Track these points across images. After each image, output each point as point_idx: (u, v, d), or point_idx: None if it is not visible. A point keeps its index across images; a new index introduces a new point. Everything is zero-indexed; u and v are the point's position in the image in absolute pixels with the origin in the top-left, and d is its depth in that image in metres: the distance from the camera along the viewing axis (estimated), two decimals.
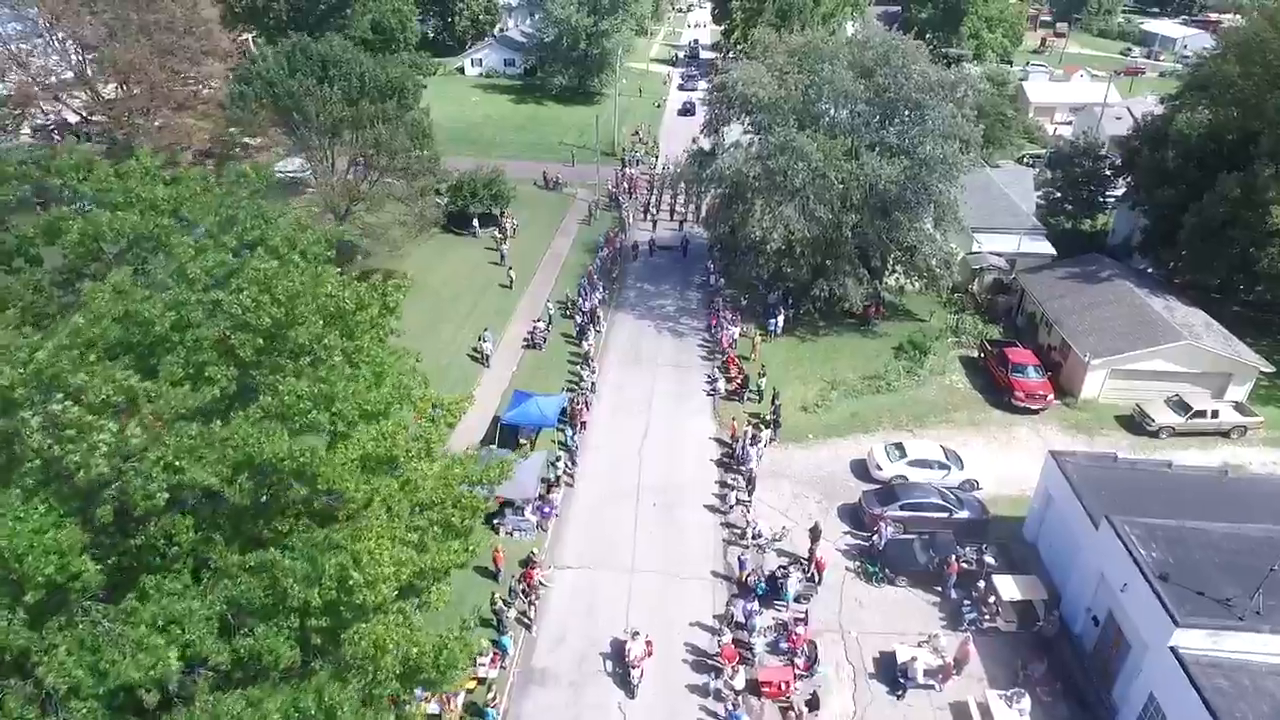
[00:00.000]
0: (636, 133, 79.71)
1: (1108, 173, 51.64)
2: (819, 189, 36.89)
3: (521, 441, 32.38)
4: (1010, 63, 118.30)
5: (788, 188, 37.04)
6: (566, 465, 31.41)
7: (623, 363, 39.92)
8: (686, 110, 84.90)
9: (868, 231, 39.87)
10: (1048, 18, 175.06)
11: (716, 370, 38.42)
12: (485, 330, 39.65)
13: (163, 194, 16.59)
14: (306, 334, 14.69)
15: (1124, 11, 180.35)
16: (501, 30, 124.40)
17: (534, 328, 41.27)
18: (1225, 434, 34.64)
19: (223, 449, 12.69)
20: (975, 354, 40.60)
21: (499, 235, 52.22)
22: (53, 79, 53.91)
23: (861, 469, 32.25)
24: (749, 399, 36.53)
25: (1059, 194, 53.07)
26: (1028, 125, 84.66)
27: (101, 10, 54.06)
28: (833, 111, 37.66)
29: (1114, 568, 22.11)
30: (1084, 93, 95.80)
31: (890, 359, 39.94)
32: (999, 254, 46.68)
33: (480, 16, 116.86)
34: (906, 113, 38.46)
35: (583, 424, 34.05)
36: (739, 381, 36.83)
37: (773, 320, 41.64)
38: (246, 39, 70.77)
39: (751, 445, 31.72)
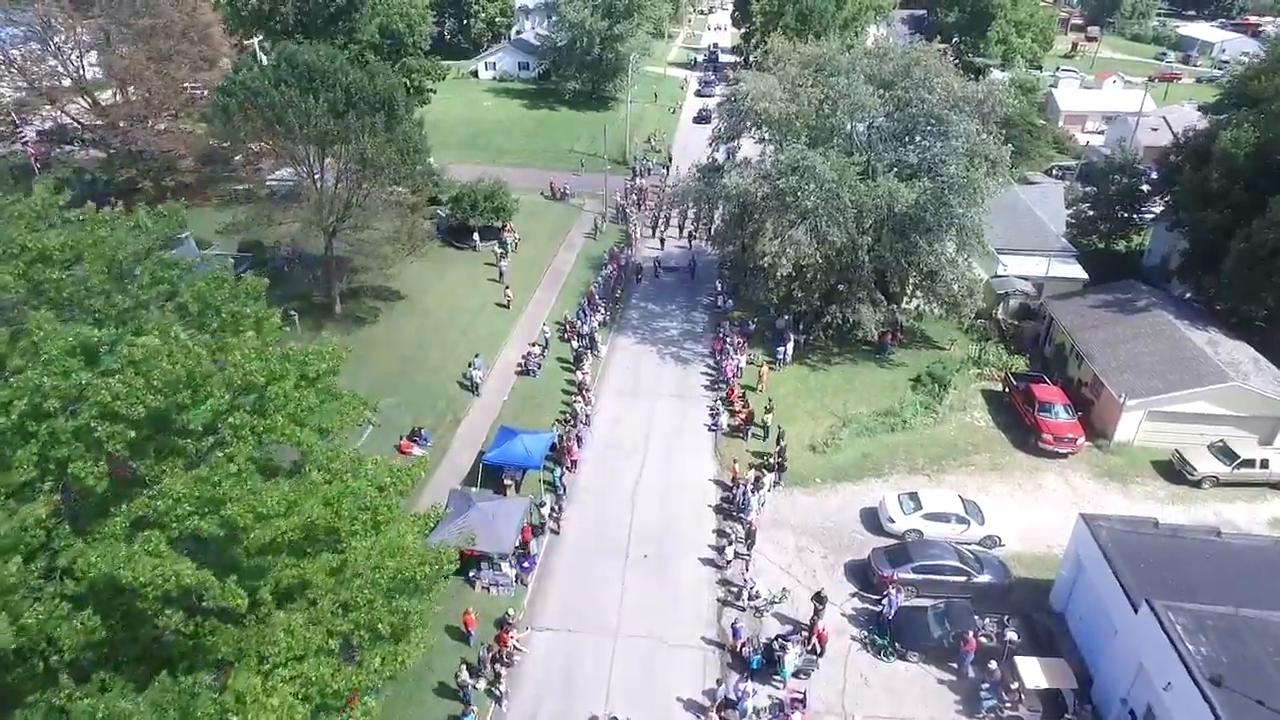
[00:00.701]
0: (649, 140, 77.47)
1: (1145, 189, 48.49)
2: (832, 211, 34.33)
3: (506, 482, 30.19)
4: (1039, 68, 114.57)
5: (798, 209, 34.52)
6: (553, 508, 29.15)
7: (620, 393, 37.59)
8: (703, 118, 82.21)
9: (885, 255, 37.28)
10: (1079, 21, 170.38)
11: (720, 403, 35.96)
12: (476, 357, 37.48)
13: (55, 242, 14.42)
14: (200, 418, 12.48)
15: (1158, 15, 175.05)
16: (518, 33, 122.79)
17: (529, 353, 39.09)
18: (1276, 486, 31.64)
19: (58, 587, 10.49)
20: (999, 387, 37.84)
21: (499, 250, 50.13)
22: (49, 85, 52.84)
23: (872, 519, 29.66)
24: (753, 435, 34.06)
25: (1091, 212, 50.00)
26: (1057, 135, 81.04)
27: (96, 15, 52.93)
28: (849, 127, 35.02)
29: (1156, 661, 19.44)
30: (1117, 100, 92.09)
31: (907, 392, 37.29)
32: (1026, 278, 43.79)
33: (496, 19, 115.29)
34: (928, 129, 35.76)
35: (573, 462, 31.79)
36: (743, 417, 34.37)
37: (781, 348, 39.10)
38: (253, 44, 69.24)
39: (753, 493, 29.27)
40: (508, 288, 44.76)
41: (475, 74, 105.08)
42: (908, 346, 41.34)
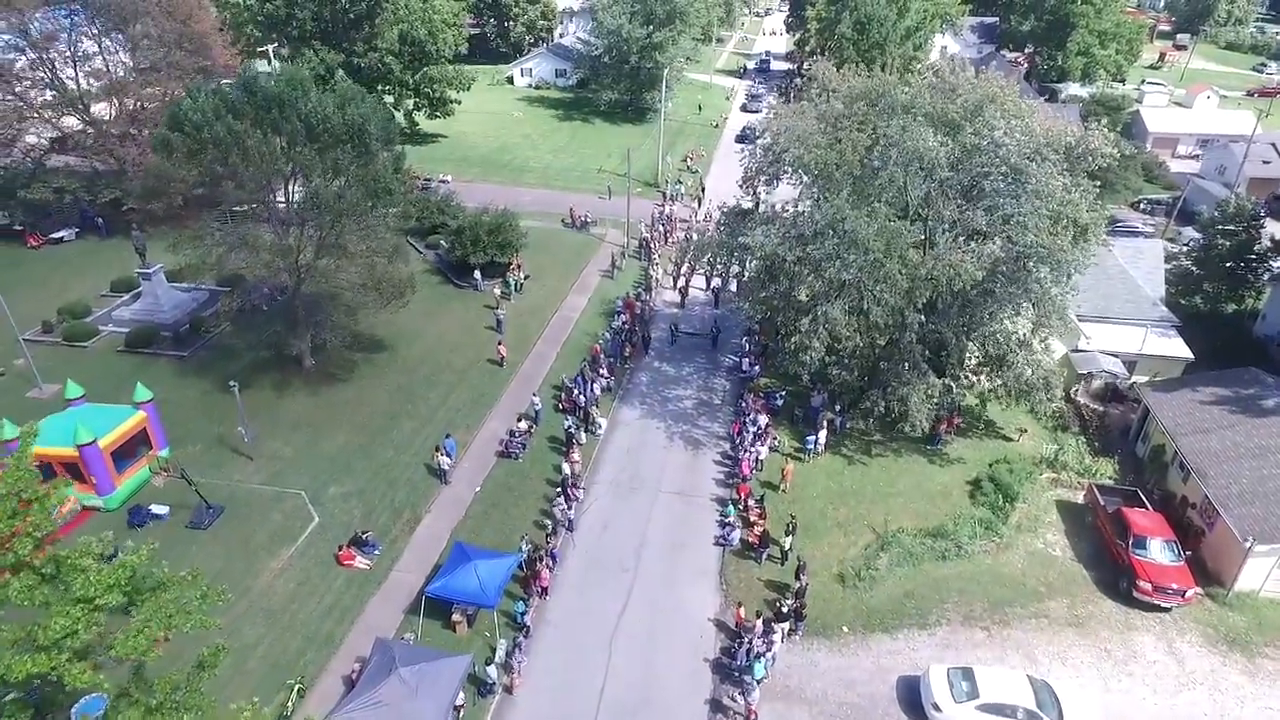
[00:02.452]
0: (686, 159, 71.30)
1: (1268, 245, 40.52)
2: (877, 285, 27.81)
3: (455, 619, 24.58)
4: (1122, 81, 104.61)
5: (835, 280, 28.10)
6: (509, 657, 23.37)
7: (616, 486, 31.67)
8: (746, 137, 75.55)
9: (941, 331, 30.60)
10: (1166, 27, 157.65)
11: (733, 506, 29.73)
12: (447, 438, 31.93)
13: None
14: None
15: (1258, 20, 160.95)
16: (560, 36, 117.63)
17: (513, 430, 33.44)
18: None
19: None
20: (1079, 498, 30.85)
21: (500, 293, 44.68)
22: (38, 98, 49.41)
23: (912, 696, 23.19)
24: (769, 558, 27.83)
25: (1195, 268, 42.19)
26: (1145, 161, 72.09)
27: (82, 24, 49.20)
28: (902, 180, 28.36)
29: None
30: (1215, 121, 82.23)
31: (963, 501, 30.60)
32: (1114, 354, 36.49)
33: (537, 22, 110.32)
34: (1002, 183, 28.88)
35: (543, 590, 26.02)
36: (757, 535, 28.14)
37: (812, 437, 32.67)
38: (268, 51, 65.22)
39: (760, 651, 23.09)
40: (500, 343, 39.14)
41: (510, 80, 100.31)
42: (965, 434, 34.50)
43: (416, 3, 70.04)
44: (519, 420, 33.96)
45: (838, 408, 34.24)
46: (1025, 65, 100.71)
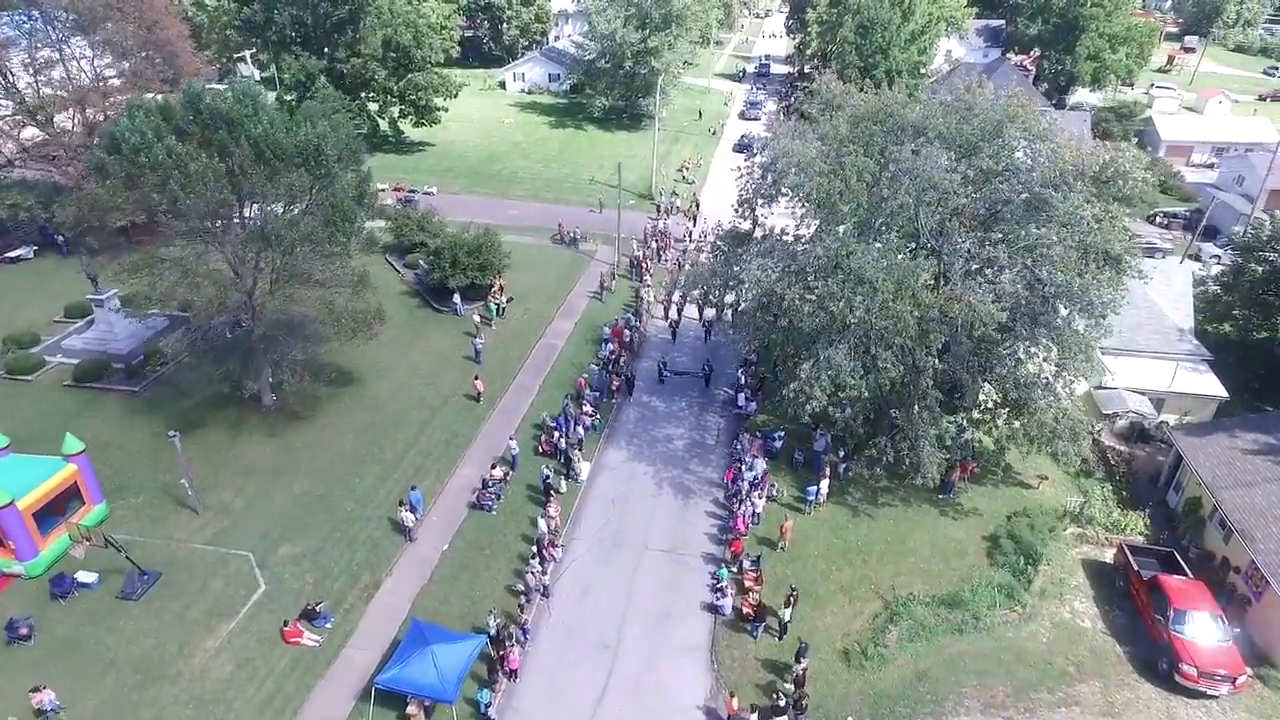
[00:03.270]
0: (682, 169, 68.42)
1: None
2: (885, 327, 24.96)
3: (410, 711, 21.72)
4: (1131, 85, 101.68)
5: (838, 322, 25.25)
6: None
7: (599, 543, 28.81)
8: (745, 147, 72.61)
9: (955, 372, 27.74)
10: (1173, 29, 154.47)
11: (726, 569, 26.86)
12: (413, 490, 29.08)
13: None
14: None
15: (1266, 22, 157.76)
16: (556, 39, 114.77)
17: (487, 478, 30.59)
18: None
19: None
20: (1108, 553, 28.03)
21: (480, 319, 41.86)
22: None
23: None
24: (766, 630, 25.00)
25: (1224, 294, 39.31)
26: (1160, 171, 69.14)
27: (40, 30, 46.38)
28: (914, 209, 25.46)
29: None
30: (1230, 128, 79.32)
31: (980, 560, 27.79)
32: (1141, 391, 33.64)
33: (531, 25, 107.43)
34: (1025, 211, 26.04)
35: (511, 672, 23.18)
36: (753, 605, 25.30)
37: (813, 488, 29.82)
38: (244, 56, 62.50)
39: None
40: (477, 378, 36.24)
41: (503, 85, 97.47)
42: (980, 480, 31.66)
43: (402, 7, 67.27)
44: (493, 467, 31.13)
45: (842, 452, 31.39)
46: (1033, 69, 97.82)
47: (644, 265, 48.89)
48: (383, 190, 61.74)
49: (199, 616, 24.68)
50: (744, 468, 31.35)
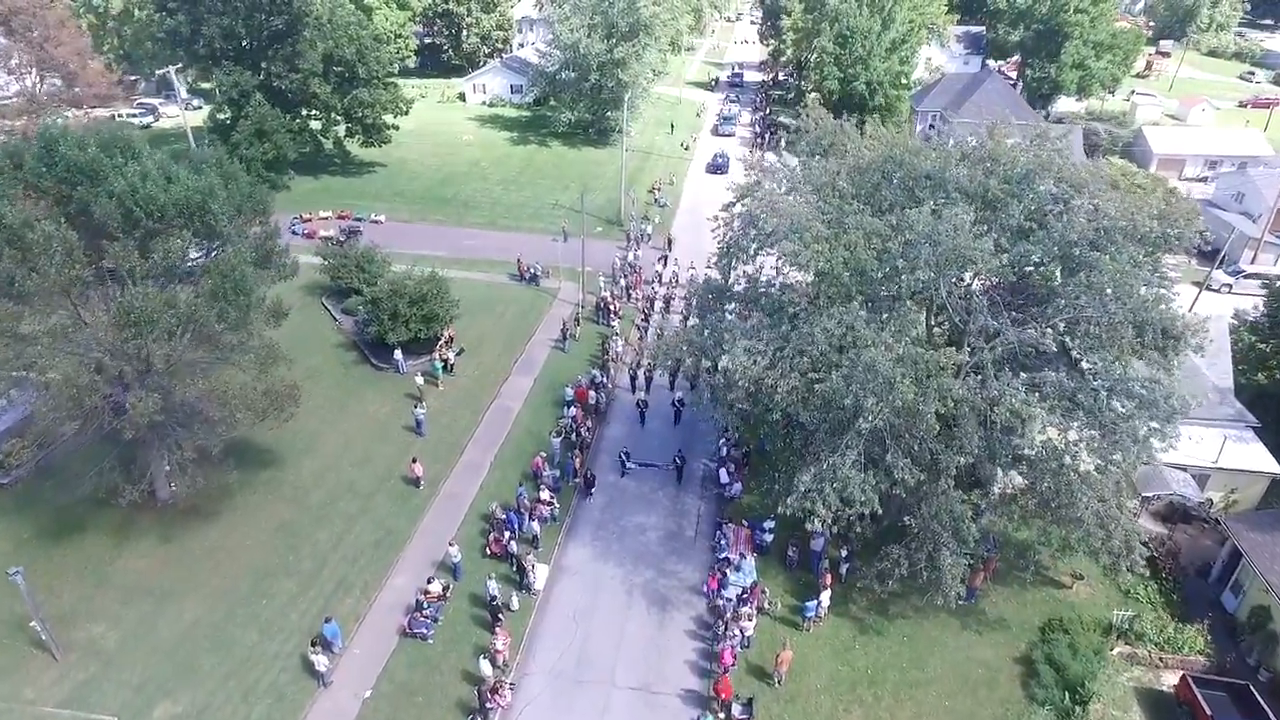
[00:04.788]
0: (653, 190, 63.47)
1: None
2: (903, 427, 20.24)
3: None
4: (1112, 92, 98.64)
5: (844, 423, 20.49)
6: None
7: (556, 678, 23.76)
8: (718, 167, 67.98)
9: (978, 465, 23.10)
10: (1145, 33, 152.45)
11: (714, 716, 21.95)
12: (327, 623, 23.80)
13: None
14: None
15: (1240, 25, 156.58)
16: (520, 46, 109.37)
17: (420, 600, 25.37)
18: None
19: None
20: (1163, 676, 23.59)
21: (423, 381, 36.57)
22: None
23: None
24: None
25: (1257, 340, 35.20)
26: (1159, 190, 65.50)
27: None
28: (936, 285, 20.74)
29: None
30: (1222, 141, 76.15)
31: (1014, 691, 23.24)
32: (1182, 466, 29.34)
33: (492, 32, 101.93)
34: (1068, 279, 21.48)
35: None
36: None
37: (813, 602, 25.05)
38: (168, 72, 56.57)
39: None
40: (415, 460, 30.98)
41: (462, 97, 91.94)
42: (1004, 578, 27.10)
43: (344, 18, 61.62)
44: (430, 581, 25.94)
45: (844, 550, 26.66)
46: (1015, 76, 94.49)
47: (612, 308, 43.90)
48: (325, 219, 56.61)
49: None
50: (729, 570, 26.60)
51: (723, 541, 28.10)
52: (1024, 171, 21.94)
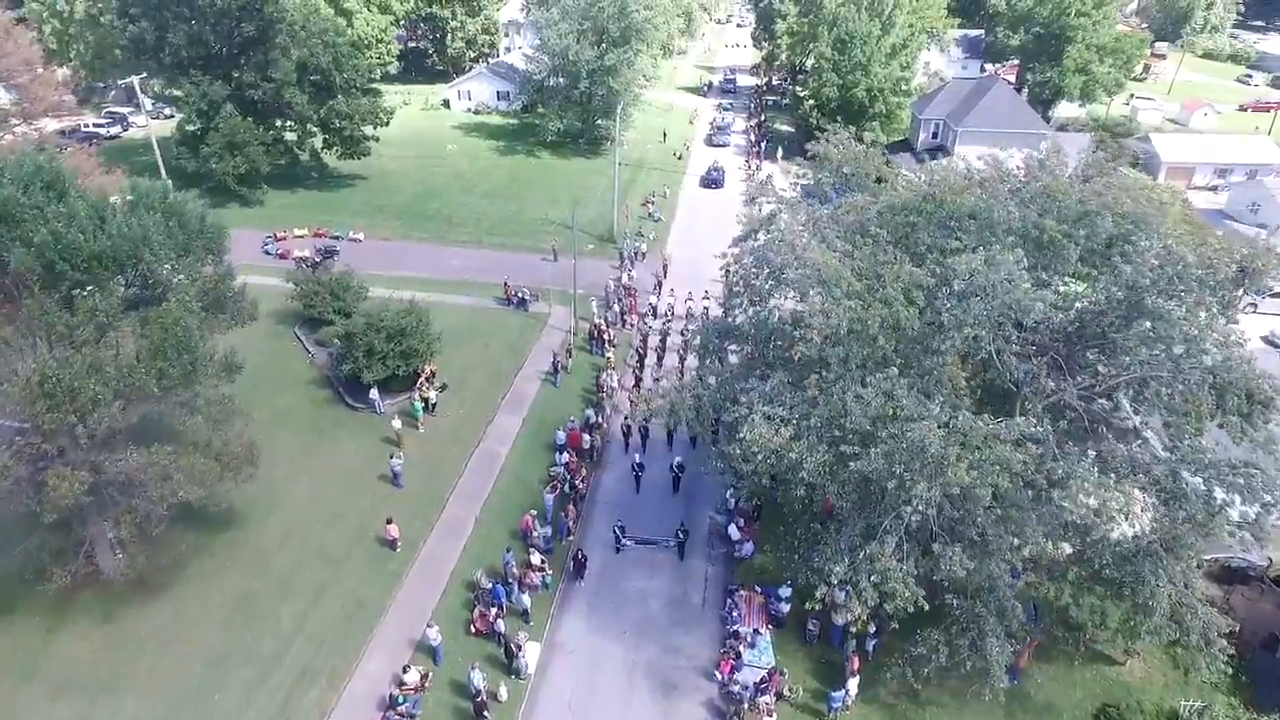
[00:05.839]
0: (647, 203, 60.50)
1: None
2: (953, 512, 17.40)
3: None
4: (1113, 96, 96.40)
5: (884, 506, 17.63)
6: None
7: None
8: (714, 181, 65.10)
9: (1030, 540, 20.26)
10: (1141, 33, 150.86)
11: None
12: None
13: None
14: None
15: (1234, 27, 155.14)
16: (508, 50, 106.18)
17: (394, 694, 22.32)
18: None
19: None
20: None
21: (401, 425, 33.46)
22: None
23: None
24: None
25: None
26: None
27: None
28: (990, 346, 17.88)
29: None
30: (1233, 149, 73.72)
31: None
32: (1240, 526, 26.58)
33: (478, 37, 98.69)
34: (1125, 324, 18.71)
35: None
36: None
37: (838, 693, 22.19)
38: (132, 82, 53.28)
39: None
40: (390, 521, 27.88)
41: (447, 104, 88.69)
42: (1049, 654, 24.32)
43: (321, 22, 58.41)
44: (405, 670, 22.87)
45: (873, 626, 23.80)
46: (1014, 80, 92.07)
47: (605, 336, 40.91)
48: (300, 237, 53.41)
49: None
50: (744, 648, 23.74)
51: (734, 612, 25.25)
52: (1083, 210, 19.16)
